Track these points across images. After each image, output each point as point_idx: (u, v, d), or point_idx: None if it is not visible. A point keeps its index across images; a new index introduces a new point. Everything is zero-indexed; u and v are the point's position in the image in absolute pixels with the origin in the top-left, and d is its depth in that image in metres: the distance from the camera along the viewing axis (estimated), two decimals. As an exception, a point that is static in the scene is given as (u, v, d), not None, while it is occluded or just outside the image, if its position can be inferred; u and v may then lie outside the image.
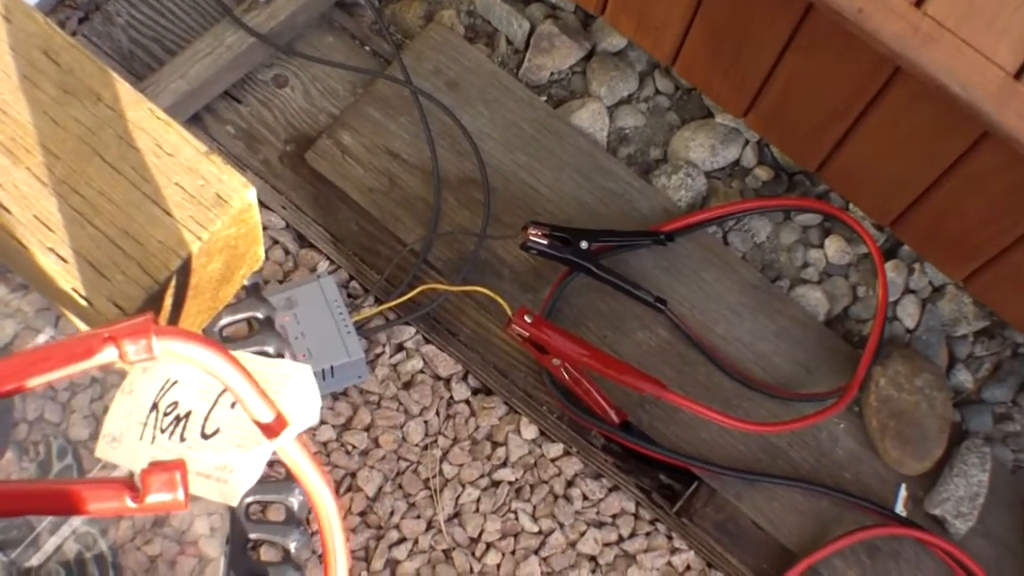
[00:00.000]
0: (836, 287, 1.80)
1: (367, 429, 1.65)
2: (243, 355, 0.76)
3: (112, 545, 1.19)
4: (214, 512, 1.48)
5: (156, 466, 0.64)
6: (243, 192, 0.85)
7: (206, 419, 0.79)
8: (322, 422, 1.64)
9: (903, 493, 1.70)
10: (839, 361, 1.74)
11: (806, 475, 1.69)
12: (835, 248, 1.81)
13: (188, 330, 0.68)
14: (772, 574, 1.64)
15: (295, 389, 0.79)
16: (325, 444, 1.63)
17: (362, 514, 1.61)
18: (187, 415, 0.79)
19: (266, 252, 1.68)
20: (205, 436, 0.78)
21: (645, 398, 1.66)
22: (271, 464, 1.24)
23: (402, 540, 1.61)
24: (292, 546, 0.97)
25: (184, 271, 0.83)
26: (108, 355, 0.63)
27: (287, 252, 1.72)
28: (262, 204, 1.73)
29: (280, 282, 1.70)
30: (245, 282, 0.97)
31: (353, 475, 1.62)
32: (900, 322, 1.79)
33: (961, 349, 1.80)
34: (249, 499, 0.97)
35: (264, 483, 1.01)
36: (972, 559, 1.65)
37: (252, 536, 0.98)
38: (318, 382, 1.53)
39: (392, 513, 1.61)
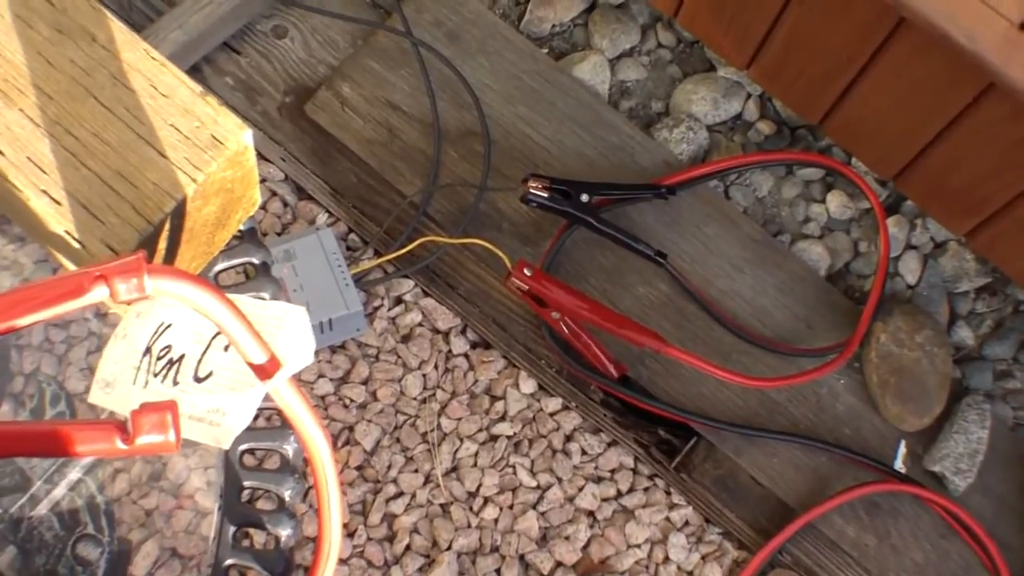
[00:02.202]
0: (838, 242, 1.79)
1: (365, 383, 1.64)
2: (237, 297, 0.75)
3: (107, 497, 1.19)
4: (211, 466, 1.48)
5: (147, 407, 0.63)
6: (239, 134, 0.84)
7: (199, 362, 0.78)
8: (320, 376, 1.63)
9: (902, 450, 1.69)
10: (840, 317, 1.73)
11: (805, 431, 1.68)
12: (837, 203, 1.80)
13: (180, 269, 0.67)
14: (770, 530, 1.63)
15: (289, 330, 0.78)
16: (323, 398, 1.62)
17: (359, 468, 1.60)
18: (180, 358, 0.78)
19: (264, 204, 1.68)
20: (198, 379, 0.77)
21: (644, 352, 1.65)
22: (266, 415, 1.23)
23: (400, 494, 1.60)
24: (287, 494, 0.96)
25: (179, 214, 0.82)
26: (99, 294, 0.62)
27: (286, 204, 1.71)
28: (261, 156, 1.72)
29: (279, 234, 1.69)
30: (241, 227, 0.96)
31: (351, 429, 1.61)
32: (901, 278, 1.78)
33: (962, 305, 1.80)
34: (243, 447, 0.97)
35: (258, 431, 1.00)
36: (971, 516, 1.65)
37: (246, 484, 0.97)
38: (316, 335, 1.53)
39: (390, 467, 1.61)
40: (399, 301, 1.68)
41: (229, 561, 0.94)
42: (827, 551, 1.64)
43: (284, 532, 0.94)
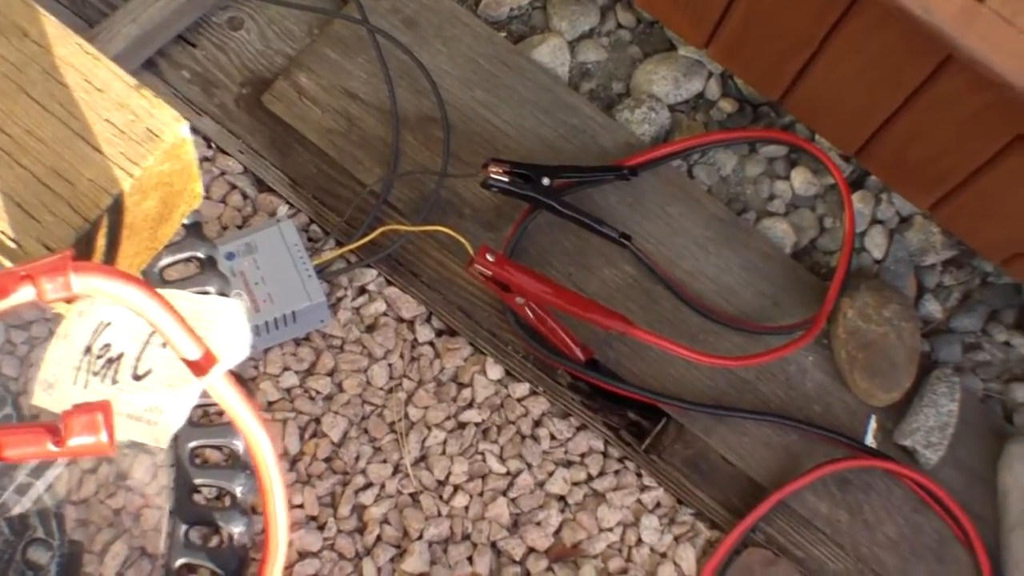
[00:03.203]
0: (803, 219, 1.79)
1: (331, 374, 1.63)
2: (170, 292, 0.74)
3: (57, 499, 1.17)
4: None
5: (79, 408, 0.62)
6: (175, 126, 0.83)
7: (138, 360, 0.77)
8: (285, 368, 1.62)
9: (873, 424, 1.69)
10: (807, 293, 1.72)
11: (775, 409, 1.68)
12: (801, 180, 1.79)
13: (108, 266, 0.66)
14: (743, 509, 1.63)
15: (224, 325, 0.77)
16: (288, 390, 1.61)
17: (327, 460, 1.59)
18: (119, 357, 0.77)
19: (224, 197, 1.66)
20: (137, 377, 0.76)
21: (611, 335, 1.65)
22: (218, 409, 1.22)
23: (369, 485, 1.59)
24: (238, 490, 0.95)
25: (116, 210, 0.81)
26: (25, 294, 0.61)
27: (245, 197, 1.69)
28: (219, 149, 1.70)
29: (239, 227, 1.67)
30: (185, 221, 0.95)
31: (318, 421, 1.60)
32: (868, 253, 1.78)
33: (929, 279, 1.79)
34: (193, 443, 0.95)
35: (208, 427, 0.99)
36: (943, 489, 1.65)
37: (197, 482, 0.96)
38: (280, 328, 1.52)
39: (358, 458, 1.60)
40: (362, 291, 1.67)
41: (181, 560, 0.93)
42: (800, 528, 1.64)
43: (236, 529, 0.93)
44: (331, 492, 1.58)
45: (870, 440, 1.68)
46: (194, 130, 1.66)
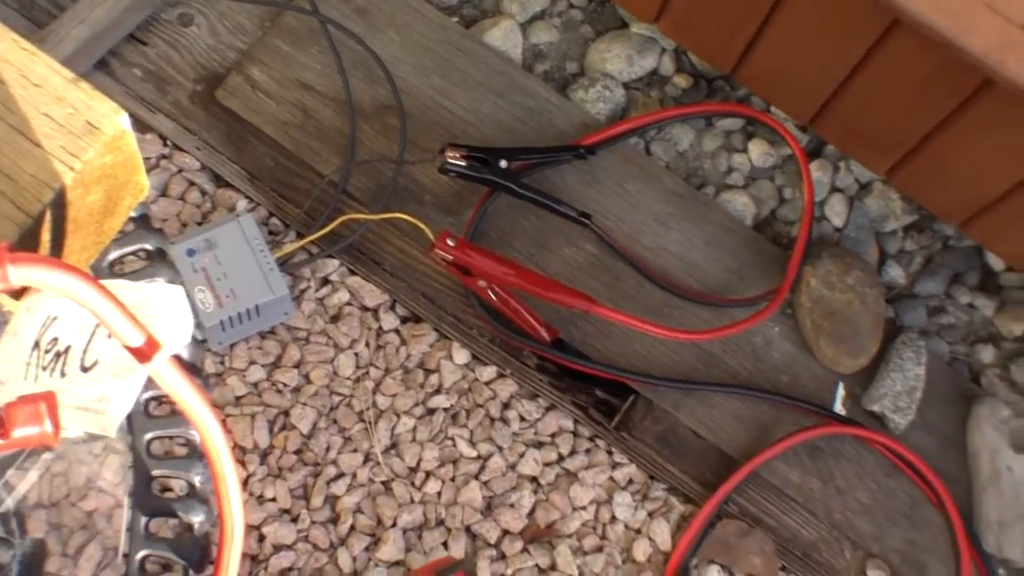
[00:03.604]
0: (762, 190, 1.79)
1: (297, 366, 1.62)
2: (112, 282, 0.74)
3: (18, 498, 1.17)
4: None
5: (23, 400, 0.62)
6: (114, 118, 0.83)
7: (84, 352, 0.77)
8: (251, 362, 1.61)
9: (841, 392, 1.70)
10: (769, 264, 1.73)
11: (743, 381, 1.68)
12: (759, 151, 1.80)
13: (45, 256, 0.66)
14: (715, 482, 1.63)
15: (167, 311, 0.77)
16: (256, 384, 1.61)
17: (298, 452, 1.59)
18: (66, 350, 0.77)
19: (183, 195, 1.66)
20: (84, 369, 0.76)
21: (576, 314, 1.65)
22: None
23: (340, 475, 1.59)
24: (196, 480, 0.95)
25: (59, 204, 0.80)
26: (-39, 286, 0.61)
27: (204, 193, 1.69)
28: (176, 146, 1.70)
29: (199, 224, 1.67)
30: (132, 214, 0.94)
31: (286, 413, 1.60)
32: (828, 221, 1.78)
33: (891, 245, 1.80)
34: (149, 435, 0.95)
35: (164, 418, 0.99)
36: (913, 452, 1.66)
37: (155, 473, 0.96)
38: (244, 322, 1.52)
39: (328, 449, 1.59)
40: (325, 282, 1.67)
41: (143, 552, 0.92)
42: (773, 498, 1.64)
43: (196, 518, 0.93)
44: (303, 484, 1.58)
45: (839, 407, 1.69)
46: (149, 128, 1.67)
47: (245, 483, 1.56)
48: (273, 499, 1.56)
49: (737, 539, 1.62)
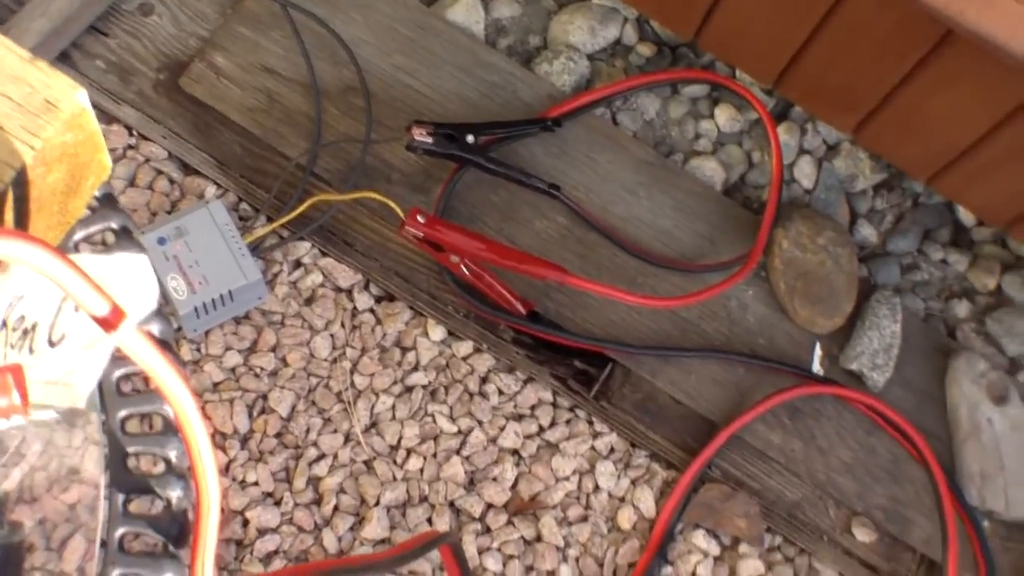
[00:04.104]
0: (730, 156, 1.79)
1: (273, 350, 1.62)
2: (75, 256, 0.73)
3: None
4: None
5: (-12, 372, 0.62)
6: (72, 95, 0.82)
7: (52, 327, 0.76)
8: (227, 348, 1.61)
9: (818, 352, 1.70)
10: (741, 229, 1.73)
11: (720, 345, 1.69)
12: (725, 117, 1.80)
13: (4, 227, 0.66)
14: (696, 447, 1.63)
15: (131, 279, 0.76)
16: (233, 370, 1.61)
17: (278, 435, 1.59)
18: (33, 327, 0.77)
19: (151, 183, 1.65)
20: (52, 344, 0.76)
21: (550, 286, 1.65)
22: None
23: (321, 456, 1.59)
24: (172, 455, 0.94)
25: (20, 183, 0.80)
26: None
27: (172, 182, 1.68)
28: (142, 136, 1.69)
29: (168, 212, 1.66)
30: (96, 193, 0.94)
31: (264, 397, 1.60)
32: (798, 183, 1.79)
33: (861, 204, 1.80)
34: (123, 412, 0.95)
35: (138, 395, 0.98)
36: (893, 409, 1.66)
37: (130, 450, 0.95)
38: (218, 308, 1.51)
39: (308, 431, 1.59)
40: (298, 264, 1.66)
41: (122, 530, 0.92)
42: (755, 460, 1.65)
43: (174, 494, 0.93)
44: (285, 467, 1.58)
45: (817, 367, 1.70)
46: (114, 119, 1.66)
47: (227, 468, 1.56)
48: (256, 483, 1.56)
49: (721, 503, 1.62)
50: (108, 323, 0.68)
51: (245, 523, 1.54)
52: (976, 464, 1.65)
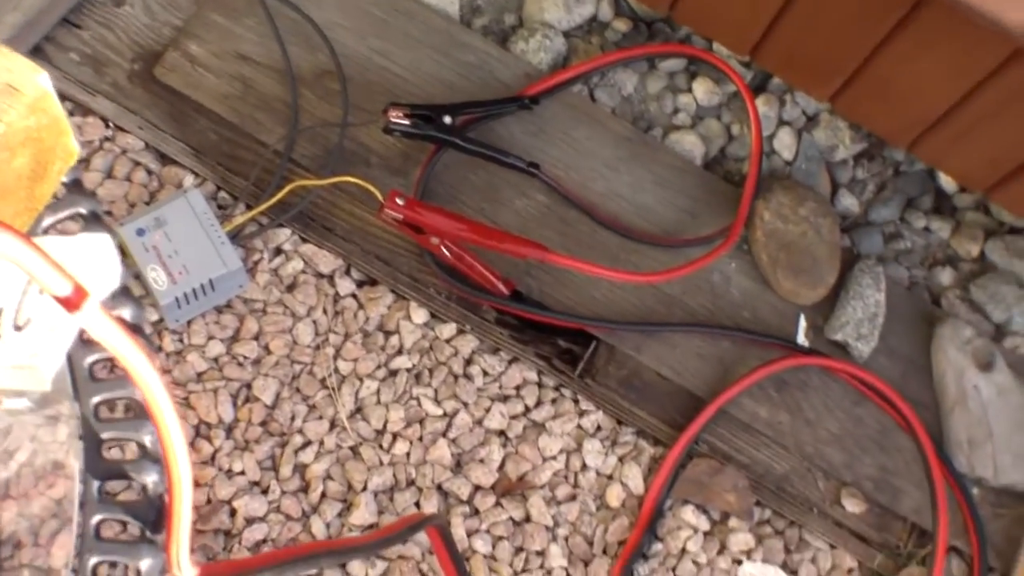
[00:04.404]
0: (709, 129, 1.79)
1: (256, 338, 1.61)
2: (37, 239, 0.73)
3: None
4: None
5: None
6: (34, 78, 0.81)
7: (17, 311, 0.75)
8: (210, 337, 1.60)
9: (803, 323, 1.70)
10: (722, 202, 1.73)
11: (704, 319, 1.68)
12: (703, 90, 1.79)
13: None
14: (683, 422, 1.63)
15: (94, 259, 0.76)
16: (216, 359, 1.60)
17: (263, 423, 1.58)
18: (-1, 312, 0.76)
19: (128, 175, 1.64)
20: (18, 328, 0.75)
21: (532, 265, 1.64)
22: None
23: (307, 443, 1.58)
24: (147, 440, 0.94)
25: (-17, 168, 0.79)
26: None
27: (150, 172, 1.67)
28: (118, 127, 1.68)
29: (147, 203, 1.65)
30: (64, 179, 0.93)
31: (248, 386, 1.59)
32: (778, 155, 1.78)
33: (842, 174, 1.80)
34: (96, 399, 0.94)
35: (110, 381, 0.98)
36: (878, 379, 1.66)
37: (105, 436, 0.95)
38: (199, 298, 1.51)
39: (293, 418, 1.59)
40: (278, 251, 1.65)
41: (98, 517, 0.91)
42: (742, 434, 1.65)
43: (150, 479, 0.92)
44: (271, 455, 1.57)
45: (802, 339, 1.69)
46: (90, 111, 1.65)
47: (213, 458, 1.55)
48: (242, 472, 1.55)
49: (709, 477, 1.62)
50: (71, 303, 0.68)
51: (233, 513, 1.54)
52: (964, 431, 1.64)
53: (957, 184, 1.79)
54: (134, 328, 0.79)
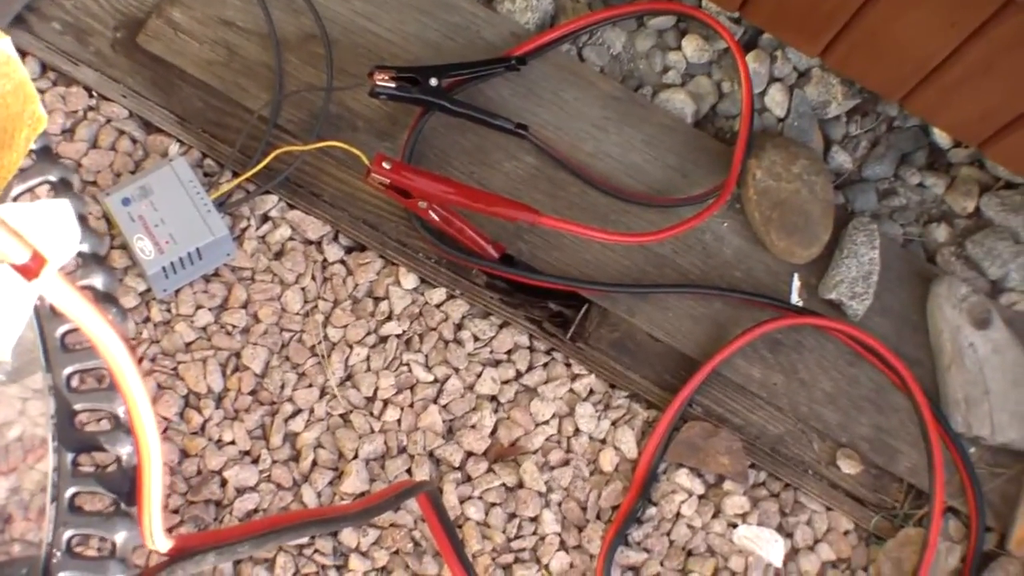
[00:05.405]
0: (700, 87, 1.77)
1: (244, 306, 1.60)
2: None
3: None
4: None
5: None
6: (-5, 42, 0.80)
7: (-24, 282, 0.74)
8: (198, 307, 1.59)
9: (796, 283, 1.68)
10: (713, 161, 1.71)
11: (696, 280, 1.67)
12: (693, 48, 1.77)
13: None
14: (676, 385, 1.62)
15: (51, 226, 0.74)
16: (205, 328, 1.59)
17: (253, 392, 1.57)
18: (-42, 283, 0.74)
19: (113, 144, 1.63)
20: (-27, 297, 0.73)
21: (522, 228, 1.63)
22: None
23: (297, 412, 1.57)
24: (120, 411, 0.92)
25: (-56, 136, 0.78)
26: None
27: (135, 141, 1.65)
28: (102, 96, 1.66)
29: (132, 172, 1.64)
30: (33, 146, 0.91)
31: (238, 355, 1.58)
32: (770, 112, 1.76)
33: (835, 131, 1.78)
34: (68, 370, 0.93)
35: (82, 351, 0.96)
36: (873, 337, 1.64)
37: (77, 407, 0.93)
38: (186, 266, 1.49)
39: (283, 386, 1.58)
40: (265, 218, 1.64)
41: (72, 490, 0.90)
42: (736, 396, 1.63)
43: (124, 450, 0.91)
44: (261, 424, 1.56)
45: (795, 298, 1.68)
46: (73, 81, 1.63)
47: (203, 428, 1.54)
48: (232, 442, 1.54)
49: (704, 440, 1.60)
50: (29, 271, 0.66)
51: (223, 483, 1.53)
52: (960, 390, 1.63)
53: (951, 139, 1.77)
54: (106, 296, 0.77)
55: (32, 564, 1.01)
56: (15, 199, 0.94)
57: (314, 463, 1.55)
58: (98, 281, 0.92)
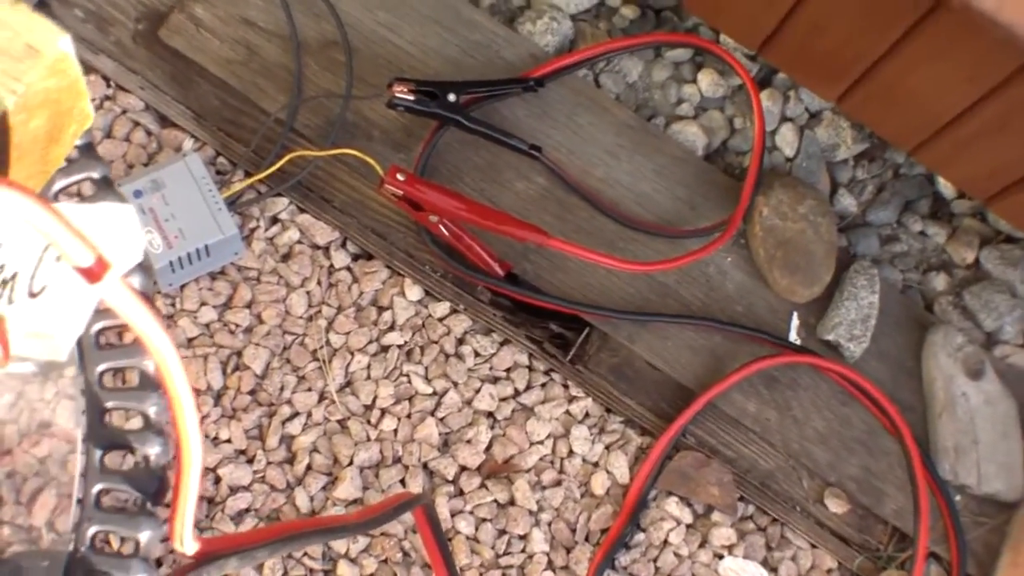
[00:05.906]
0: (712, 121, 1.78)
1: (249, 306, 1.61)
2: (59, 205, 0.72)
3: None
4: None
5: (-31, 323, 0.60)
6: (54, 40, 0.80)
7: (32, 278, 0.74)
8: (202, 304, 1.60)
9: (795, 321, 1.70)
10: (721, 195, 1.72)
11: (698, 311, 1.68)
12: (708, 82, 1.79)
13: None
14: (672, 413, 1.63)
15: (116, 229, 0.75)
16: (207, 325, 1.59)
17: (252, 392, 1.58)
18: (13, 277, 0.75)
19: (128, 135, 1.63)
20: (32, 295, 0.74)
21: (529, 248, 1.64)
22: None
23: (295, 415, 1.58)
24: (151, 411, 0.93)
25: (2, 130, 0.78)
26: None
27: (149, 134, 1.66)
28: (119, 87, 1.67)
29: (145, 165, 1.64)
30: (77, 142, 0.92)
31: (239, 354, 1.59)
32: (779, 151, 1.78)
33: (843, 174, 1.79)
34: (101, 367, 0.93)
35: (116, 349, 0.97)
36: (868, 381, 1.66)
37: (108, 405, 0.94)
38: (194, 263, 1.50)
39: (282, 388, 1.58)
40: (275, 220, 1.65)
41: (99, 486, 0.91)
42: (730, 428, 1.65)
43: (153, 450, 0.91)
44: (258, 424, 1.57)
45: (794, 337, 1.69)
46: (92, 69, 1.64)
47: (200, 425, 1.55)
48: (228, 440, 1.55)
49: (695, 470, 1.62)
50: (92, 274, 0.67)
51: (217, 480, 1.53)
52: (950, 438, 1.65)
53: (955, 190, 1.79)
54: (144, 297, 0.78)
55: (54, 557, 1.01)
56: (57, 193, 0.95)
57: (309, 467, 1.56)
58: (136, 281, 0.93)
